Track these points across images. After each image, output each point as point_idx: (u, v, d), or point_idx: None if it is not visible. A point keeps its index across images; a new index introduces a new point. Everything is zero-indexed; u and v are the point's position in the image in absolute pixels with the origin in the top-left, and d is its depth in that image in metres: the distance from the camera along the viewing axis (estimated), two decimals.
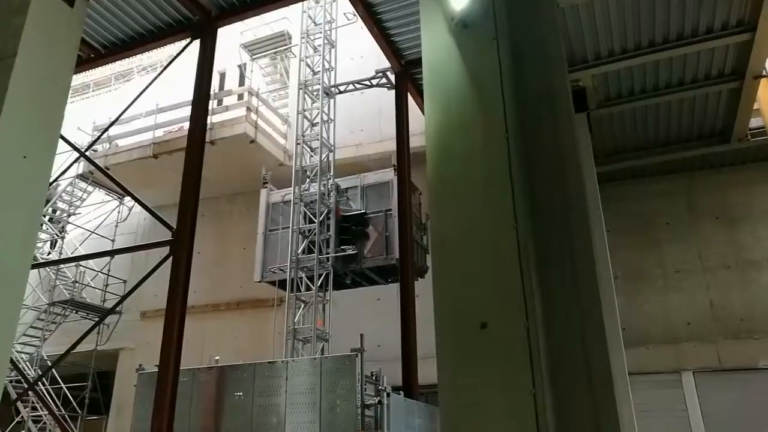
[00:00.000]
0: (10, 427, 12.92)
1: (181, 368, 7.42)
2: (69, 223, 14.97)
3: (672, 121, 10.04)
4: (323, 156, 10.81)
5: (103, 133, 9.69)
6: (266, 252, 11.12)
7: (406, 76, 10.37)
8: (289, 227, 10.55)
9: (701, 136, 10.50)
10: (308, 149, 11.02)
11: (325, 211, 10.47)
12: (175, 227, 7.65)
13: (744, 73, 8.67)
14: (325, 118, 11.17)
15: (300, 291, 10.06)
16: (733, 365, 10.14)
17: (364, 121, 13.36)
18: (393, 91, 10.67)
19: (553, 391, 2.70)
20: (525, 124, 3.39)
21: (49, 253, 14.89)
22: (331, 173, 10.83)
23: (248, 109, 12.98)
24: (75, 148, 8.24)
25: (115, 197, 15.66)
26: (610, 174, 11.13)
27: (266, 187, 11.59)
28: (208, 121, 10.55)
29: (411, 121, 10.38)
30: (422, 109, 9.18)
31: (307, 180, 10.70)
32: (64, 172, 8.60)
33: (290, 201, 10.73)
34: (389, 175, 10.51)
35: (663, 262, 11.11)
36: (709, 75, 8.91)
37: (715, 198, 11.19)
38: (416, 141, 10.47)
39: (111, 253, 12.31)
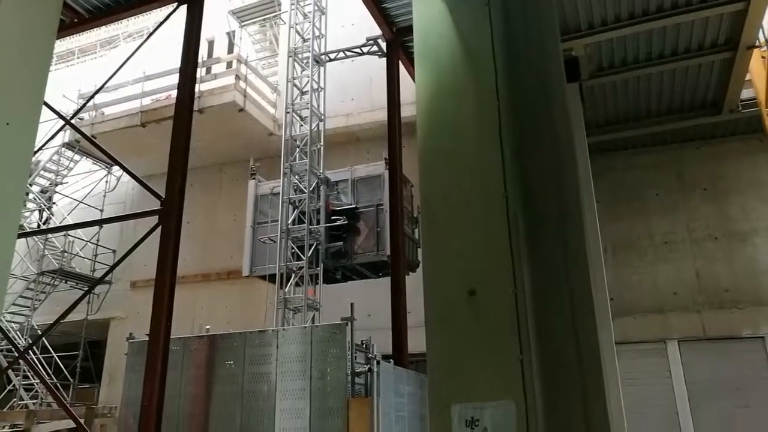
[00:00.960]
0: (2, 395, 12.99)
1: (171, 337, 7.45)
2: (56, 192, 14.82)
3: (664, 91, 10.00)
4: (313, 125, 10.70)
5: (88, 100, 9.51)
6: (255, 245, 10.84)
7: (397, 43, 10.22)
8: (278, 220, 10.26)
9: (693, 107, 10.48)
10: (298, 118, 10.90)
11: (315, 182, 10.41)
12: (163, 196, 7.59)
13: (737, 43, 8.62)
14: (315, 86, 11.02)
15: (291, 261, 10.06)
16: (717, 334, 10.33)
17: (355, 90, 13.22)
18: (384, 60, 10.52)
19: (541, 358, 2.72)
20: (516, 91, 3.35)
21: (39, 226, 14.75)
22: (321, 143, 10.74)
23: (237, 77, 12.78)
24: (60, 116, 8.09)
25: (103, 166, 15.49)
26: (601, 145, 11.13)
27: (254, 179, 11.19)
28: (197, 90, 10.37)
29: (402, 91, 10.27)
30: (414, 78, 9.08)
31: (297, 150, 10.60)
32: (49, 140, 8.45)
33: (279, 193, 10.40)
34: (380, 168, 10.27)
35: (652, 234, 11.20)
36: (703, 45, 8.85)
37: (704, 170, 11.25)
38: (407, 110, 10.38)
39: (99, 223, 12.21)
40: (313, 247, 9.99)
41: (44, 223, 14.73)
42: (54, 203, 15.00)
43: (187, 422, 8.06)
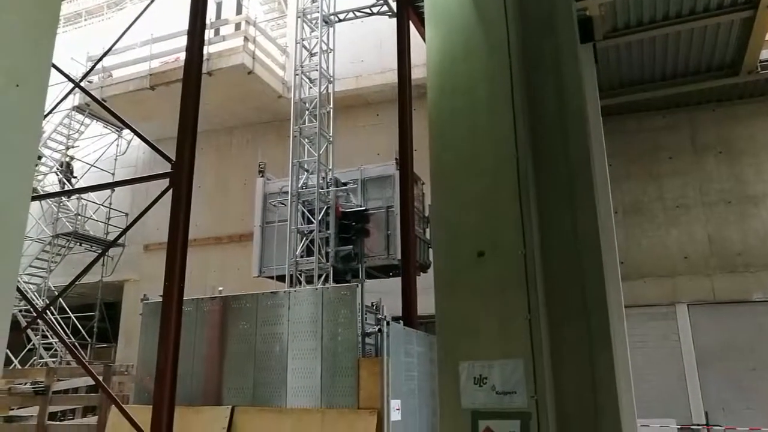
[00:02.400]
0: (23, 354, 13.34)
1: (185, 298, 7.56)
2: (70, 157, 14.90)
3: (681, 53, 9.76)
4: (322, 88, 10.60)
5: (97, 63, 9.45)
6: (264, 246, 10.60)
7: (407, 3, 10.02)
8: (287, 221, 10.06)
9: (710, 68, 10.25)
10: (307, 80, 10.79)
11: (325, 145, 10.38)
12: (174, 159, 7.60)
13: (758, 1, 8.36)
14: (324, 47, 10.88)
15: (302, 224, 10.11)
16: (727, 298, 10.34)
17: (365, 52, 13.04)
18: (394, 20, 10.34)
19: (549, 318, 2.75)
20: (529, 52, 3.29)
21: (63, 187, 14.82)
22: (331, 105, 10.66)
23: (246, 39, 12.64)
24: (69, 78, 8.06)
25: (113, 130, 15.52)
26: (615, 107, 10.96)
27: (263, 177, 10.91)
28: (205, 52, 10.29)
29: (413, 53, 10.10)
30: (424, 38, 8.93)
31: (306, 113, 10.53)
32: (59, 102, 8.46)
33: (288, 192, 10.15)
34: (391, 169, 10.01)
35: (663, 197, 11.13)
36: (722, 4, 8.59)
37: (719, 132, 11.08)
38: (418, 72, 10.25)
39: (111, 186, 12.31)
40: (323, 211, 10.02)
41: (66, 178, 14.74)
42: (74, 176, 15.02)
43: (201, 380, 8.27)
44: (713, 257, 10.59)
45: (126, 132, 15.24)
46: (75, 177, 15.13)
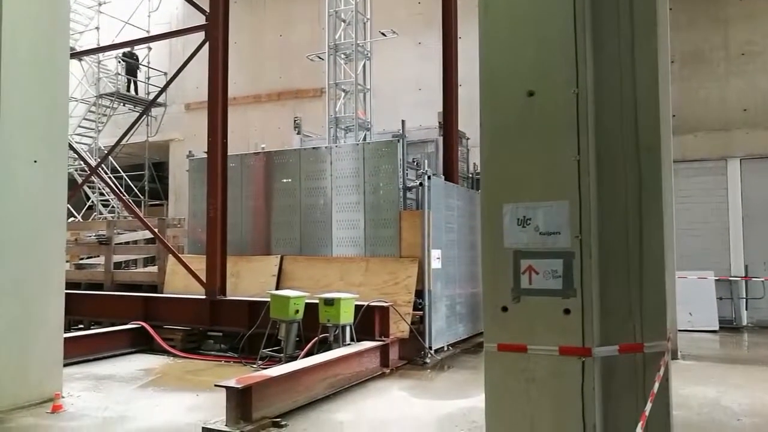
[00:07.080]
0: (83, 211, 14.14)
1: (229, 154, 7.72)
2: (101, 13, 14.58)
3: None
4: None
5: None
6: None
7: None
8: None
9: None
10: None
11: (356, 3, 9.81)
12: (208, 11, 7.38)
13: None
14: None
15: (341, 80, 9.88)
16: None
17: None
18: None
19: (597, 159, 2.67)
20: None
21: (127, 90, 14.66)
22: None
23: None
24: None
25: None
26: None
27: (299, 134, 10.42)
28: None
29: None
30: None
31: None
32: None
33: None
34: (434, 133, 9.34)
35: (727, 44, 10.30)
36: None
37: None
38: None
39: (147, 40, 12.12)
40: (362, 63, 9.72)
41: (130, 89, 14.43)
42: (138, 65, 14.65)
43: (250, 232, 8.68)
44: None
45: None
46: (139, 68, 14.91)
